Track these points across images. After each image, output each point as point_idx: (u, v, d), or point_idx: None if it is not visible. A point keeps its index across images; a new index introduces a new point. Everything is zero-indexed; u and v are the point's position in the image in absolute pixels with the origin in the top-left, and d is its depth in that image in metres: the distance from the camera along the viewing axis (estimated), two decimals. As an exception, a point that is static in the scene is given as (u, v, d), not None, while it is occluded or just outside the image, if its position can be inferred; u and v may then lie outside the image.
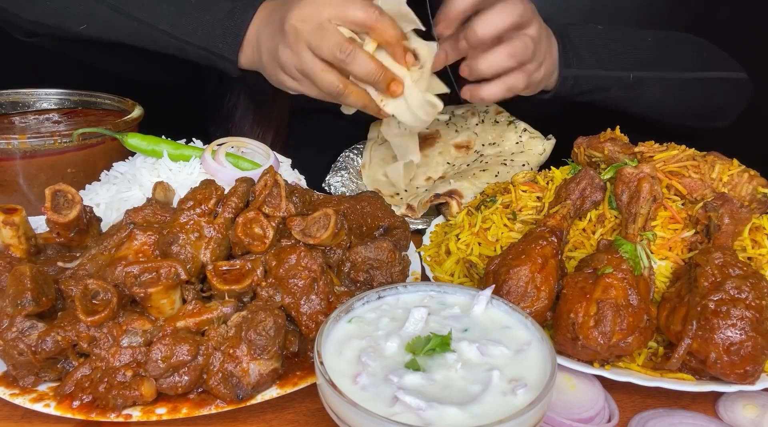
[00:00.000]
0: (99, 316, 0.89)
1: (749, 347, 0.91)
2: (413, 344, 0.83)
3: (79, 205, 1.05)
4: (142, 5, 1.42)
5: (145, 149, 1.36)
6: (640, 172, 1.13)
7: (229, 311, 0.93)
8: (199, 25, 1.39)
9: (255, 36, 1.37)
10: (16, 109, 1.64)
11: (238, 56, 1.40)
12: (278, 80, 1.38)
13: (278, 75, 1.36)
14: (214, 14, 1.39)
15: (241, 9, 1.38)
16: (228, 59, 1.40)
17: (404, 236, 1.18)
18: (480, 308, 0.91)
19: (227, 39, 1.38)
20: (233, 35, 1.38)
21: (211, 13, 1.39)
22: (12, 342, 0.89)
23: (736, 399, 0.97)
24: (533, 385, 0.77)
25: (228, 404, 0.90)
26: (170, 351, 0.88)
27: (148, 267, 0.93)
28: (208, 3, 1.40)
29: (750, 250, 1.12)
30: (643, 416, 0.94)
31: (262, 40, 1.36)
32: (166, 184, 1.17)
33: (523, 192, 1.30)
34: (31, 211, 1.15)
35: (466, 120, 1.73)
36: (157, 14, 1.41)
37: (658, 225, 1.14)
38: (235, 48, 1.38)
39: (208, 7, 1.39)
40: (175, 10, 1.40)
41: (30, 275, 0.92)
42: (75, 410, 0.88)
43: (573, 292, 0.99)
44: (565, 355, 0.99)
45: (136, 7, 1.42)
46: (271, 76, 1.39)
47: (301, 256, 0.98)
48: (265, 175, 1.06)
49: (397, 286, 0.94)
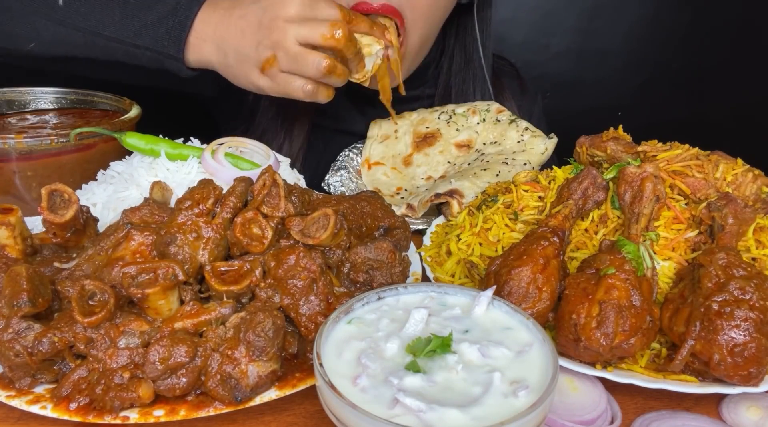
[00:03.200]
0: (96, 317, 0.88)
1: (753, 349, 0.90)
2: (413, 346, 0.82)
3: (75, 205, 1.04)
4: (86, 14, 1.40)
5: (143, 149, 1.35)
6: (643, 172, 1.12)
7: (227, 312, 0.92)
8: (143, 26, 1.38)
9: (214, 35, 1.37)
10: (12, 109, 1.63)
11: (185, 53, 1.39)
12: (249, 81, 1.39)
13: (250, 76, 1.38)
14: (157, 12, 1.38)
15: (186, 5, 1.37)
16: (174, 57, 1.38)
17: (404, 236, 1.17)
18: (481, 309, 0.90)
19: (172, 36, 1.37)
20: (178, 31, 1.37)
21: (155, 13, 1.38)
22: (8, 343, 0.88)
23: (739, 401, 0.97)
24: (535, 387, 0.77)
25: (226, 405, 0.89)
26: (168, 353, 0.87)
27: (145, 268, 0.92)
28: (150, 3, 1.39)
29: (754, 250, 1.11)
30: (645, 418, 0.93)
31: (227, 40, 1.36)
32: (163, 184, 1.16)
33: (525, 192, 1.29)
34: (28, 211, 1.14)
35: (467, 119, 1.72)
36: (101, 21, 1.40)
37: (661, 225, 1.13)
38: (181, 45, 1.37)
39: (151, 7, 1.38)
40: (119, 14, 1.40)
41: (26, 276, 0.91)
42: (72, 412, 0.87)
43: (575, 293, 0.98)
44: (567, 356, 0.98)
45: (80, 16, 1.40)
46: (239, 77, 1.40)
47: (300, 256, 0.97)
48: (263, 174, 1.05)
49: (397, 287, 0.93)
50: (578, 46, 3.22)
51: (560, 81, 3.16)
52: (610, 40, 3.20)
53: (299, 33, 1.31)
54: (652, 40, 3.21)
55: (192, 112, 1.97)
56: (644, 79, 3.26)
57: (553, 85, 3.12)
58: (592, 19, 3.18)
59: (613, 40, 3.20)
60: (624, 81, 3.26)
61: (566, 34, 3.20)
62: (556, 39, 3.20)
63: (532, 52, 3.19)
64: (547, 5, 3.15)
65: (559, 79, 3.17)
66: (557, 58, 3.22)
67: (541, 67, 3.18)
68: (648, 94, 3.26)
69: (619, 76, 3.26)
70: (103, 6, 1.40)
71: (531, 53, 3.18)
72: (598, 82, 3.27)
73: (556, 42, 3.20)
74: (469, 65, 1.84)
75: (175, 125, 1.48)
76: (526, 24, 3.17)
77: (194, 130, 1.49)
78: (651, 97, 3.25)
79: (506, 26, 3.12)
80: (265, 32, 1.33)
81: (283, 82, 1.36)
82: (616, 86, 3.26)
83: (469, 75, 1.84)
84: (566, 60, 3.24)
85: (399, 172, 1.68)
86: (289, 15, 1.32)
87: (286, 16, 1.32)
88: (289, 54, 1.32)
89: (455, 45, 1.85)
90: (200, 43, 1.38)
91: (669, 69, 3.23)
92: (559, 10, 3.17)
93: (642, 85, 3.27)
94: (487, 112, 1.73)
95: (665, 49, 3.21)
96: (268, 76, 1.36)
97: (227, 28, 1.36)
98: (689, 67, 3.22)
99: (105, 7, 1.40)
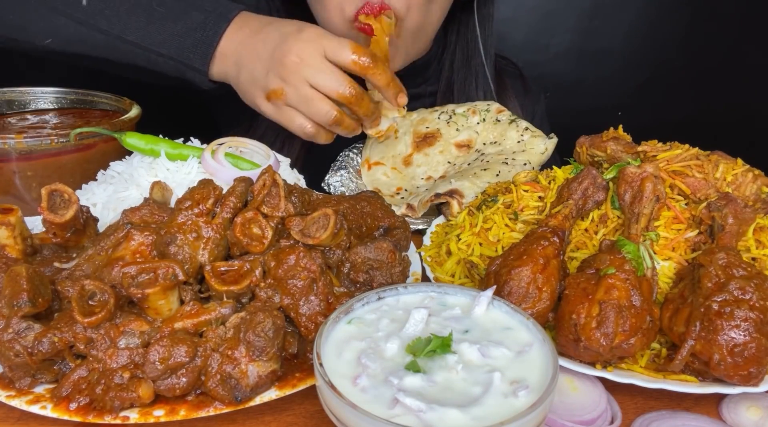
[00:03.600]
0: (96, 317, 0.88)
1: (753, 349, 0.90)
2: (413, 346, 0.82)
3: (75, 205, 1.04)
4: (110, 17, 1.41)
5: (143, 149, 1.35)
6: (643, 172, 1.12)
7: (227, 312, 0.92)
8: (169, 36, 1.40)
9: (235, 52, 1.39)
10: (12, 109, 1.63)
11: (210, 67, 1.41)
12: (254, 103, 1.42)
13: (256, 99, 1.40)
14: (185, 24, 1.39)
15: (214, 21, 1.39)
16: (198, 70, 1.41)
17: (404, 236, 1.17)
18: (481, 309, 0.90)
19: (199, 50, 1.39)
20: (205, 46, 1.39)
21: (183, 24, 1.39)
22: (8, 343, 0.88)
23: (739, 401, 0.97)
24: (535, 387, 0.77)
25: (226, 406, 0.89)
26: (168, 353, 0.87)
27: (145, 268, 0.92)
28: (178, 13, 1.40)
29: (754, 250, 1.11)
30: (645, 418, 0.93)
31: (244, 58, 1.38)
32: (163, 184, 1.16)
33: (525, 192, 1.29)
34: (28, 211, 1.14)
35: (467, 119, 1.72)
36: (126, 25, 1.41)
37: (661, 225, 1.13)
38: (207, 59, 1.40)
39: (178, 18, 1.40)
40: (144, 21, 1.40)
41: (26, 276, 0.91)
42: (72, 412, 0.87)
43: (575, 293, 0.98)
44: (567, 356, 0.98)
45: (104, 19, 1.41)
46: (246, 95, 1.42)
47: (300, 256, 0.97)
48: (263, 174, 1.05)
49: (397, 287, 0.93)
50: (578, 46, 3.22)
51: (560, 81, 3.16)
52: (610, 40, 3.20)
53: (313, 78, 1.33)
54: (652, 40, 3.21)
55: (192, 112, 1.97)
56: (644, 79, 3.26)
57: (553, 85, 3.12)
58: (592, 19, 3.18)
59: (613, 40, 3.20)
60: (624, 81, 3.26)
61: (566, 34, 3.20)
62: (556, 39, 3.20)
63: (532, 52, 3.18)
64: (547, 5, 3.15)
65: (559, 79, 3.17)
66: (557, 58, 3.22)
67: (541, 67, 3.17)
68: (648, 94, 3.25)
69: (619, 76, 3.26)
70: (129, 11, 1.41)
71: (531, 53, 3.18)
72: (598, 82, 3.26)
73: (556, 42, 3.20)
74: (470, 62, 1.84)
75: (175, 125, 1.48)
76: (526, 24, 3.17)
77: (194, 130, 1.49)
78: (651, 97, 3.25)
79: (506, 26, 3.12)
80: (277, 63, 1.34)
81: (286, 116, 1.39)
82: (616, 86, 3.25)
83: (471, 71, 1.85)
84: (566, 60, 3.23)
85: (399, 172, 1.68)
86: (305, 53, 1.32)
87: (302, 54, 1.32)
88: (299, 93, 1.34)
89: (457, 41, 1.85)
90: (223, 58, 1.40)
91: (669, 69, 3.23)
92: (559, 10, 3.16)
93: (642, 85, 3.26)
94: (487, 112, 1.73)
95: (665, 49, 3.20)
96: (273, 105, 1.39)
97: (246, 48, 1.38)
98: (689, 67, 3.22)
99: (131, 13, 1.41)
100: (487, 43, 1.83)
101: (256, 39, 1.38)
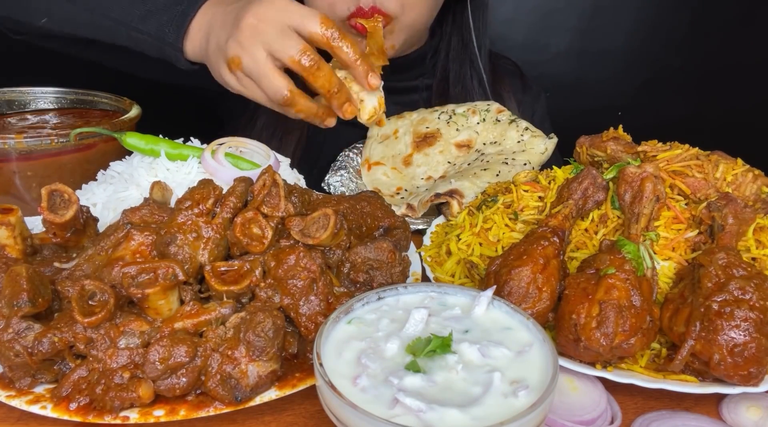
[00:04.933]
0: (96, 317, 0.88)
1: (753, 349, 0.90)
2: (413, 346, 0.82)
3: (75, 205, 1.04)
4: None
5: (143, 149, 1.35)
6: (643, 172, 1.12)
7: (227, 312, 0.92)
8: (149, 12, 1.36)
9: (206, 24, 1.31)
10: (12, 109, 1.63)
11: (184, 43, 1.33)
12: (220, 75, 1.31)
13: (221, 69, 1.29)
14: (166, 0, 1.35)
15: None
16: (172, 44, 1.34)
17: (404, 236, 1.17)
18: (481, 309, 0.90)
19: (174, 23, 1.33)
20: (180, 19, 1.33)
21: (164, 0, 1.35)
22: (8, 343, 0.88)
23: (739, 401, 0.97)
24: (535, 387, 0.77)
25: (226, 405, 0.89)
26: (168, 353, 0.87)
27: (145, 268, 0.92)
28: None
29: (754, 250, 1.11)
30: (645, 418, 0.93)
31: (213, 29, 1.30)
32: (163, 184, 1.16)
33: (525, 192, 1.29)
34: (28, 211, 1.14)
35: (467, 119, 1.72)
36: (110, 2, 1.39)
37: (661, 225, 1.13)
38: (181, 33, 1.32)
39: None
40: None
41: (26, 276, 0.91)
42: (72, 412, 0.87)
43: (575, 293, 0.98)
44: (566, 356, 0.98)
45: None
46: (214, 69, 1.33)
47: (300, 256, 0.97)
48: (263, 174, 1.05)
49: (397, 287, 0.93)
50: (578, 46, 3.22)
51: (560, 81, 3.15)
52: (610, 40, 3.20)
53: (269, 44, 1.20)
54: (652, 40, 3.21)
55: (193, 112, 1.97)
56: (644, 79, 3.26)
57: (553, 85, 3.11)
58: (592, 19, 3.18)
59: (613, 40, 3.20)
60: (624, 81, 3.26)
61: (566, 34, 3.20)
62: (556, 39, 3.20)
63: (532, 52, 3.18)
64: (547, 5, 3.15)
65: (559, 79, 3.16)
66: (557, 58, 3.22)
67: (541, 67, 3.17)
68: (648, 94, 3.25)
69: (619, 76, 3.25)
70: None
71: (531, 53, 3.17)
72: (598, 82, 3.26)
73: (556, 42, 3.20)
74: (465, 51, 1.85)
75: (175, 125, 1.48)
76: (526, 24, 3.17)
77: (195, 130, 1.49)
78: (651, 97, 3.25)
79: (506, 26, 3.12)
80: (235, 28, 1.23)
81: (249, 87, 1.28)
82: (616, 86, 3.25)
83: (466, 61, 1.85)
84: (566, 60, 3.23)
85: (399, 172, 1.68)
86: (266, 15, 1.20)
87: (262, 16, 1.21)
88: (255, 63, 1.22)
89: (452, 32, 1.86)
90: (195, 32, 1.33)
91: (669, 69, 3.23)
92: (559, 10, 3.16)
93: (642, 85, 3.26)
94: (487, 112, 1.73)
95: (665, 49, 3.20)
96: (234, 75, 1.28)
97: (216, 18, 1.30)
98: (689, 67, 3.22)
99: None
100: (480, 32, 1.83)
101: (226, 9, 1.29)
